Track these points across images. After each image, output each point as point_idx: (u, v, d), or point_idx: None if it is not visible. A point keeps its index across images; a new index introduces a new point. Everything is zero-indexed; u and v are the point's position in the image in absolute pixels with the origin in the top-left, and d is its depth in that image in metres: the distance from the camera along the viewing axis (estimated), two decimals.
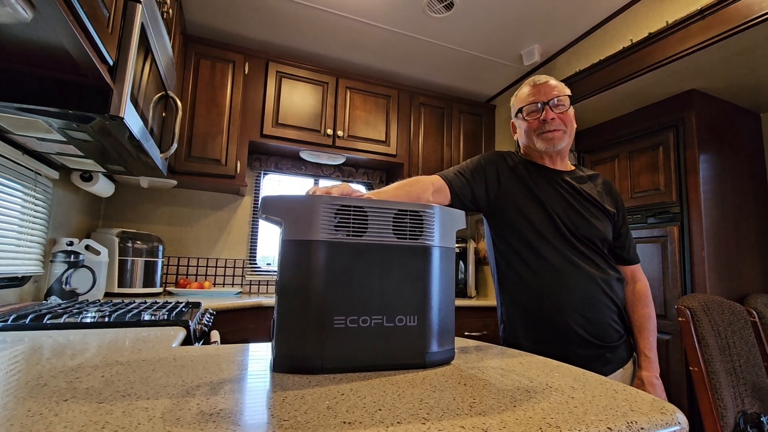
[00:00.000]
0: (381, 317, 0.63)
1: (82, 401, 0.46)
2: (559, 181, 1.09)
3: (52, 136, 1.18)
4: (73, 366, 0.62)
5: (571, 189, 1.08)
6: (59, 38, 0.82)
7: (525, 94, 1.11)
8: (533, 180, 1.08)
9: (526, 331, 1.04)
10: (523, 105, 1.11)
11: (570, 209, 1.05)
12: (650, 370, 1.04)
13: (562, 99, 1.07)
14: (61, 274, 1.50)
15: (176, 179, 2.14)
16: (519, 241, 1.04)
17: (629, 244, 1.15)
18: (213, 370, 0.61)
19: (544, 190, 1.07)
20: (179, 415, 0.42)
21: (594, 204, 1.08)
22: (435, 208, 0.69)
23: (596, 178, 1.16)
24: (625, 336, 1.07)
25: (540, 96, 1.08)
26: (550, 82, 1.09)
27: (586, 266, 1.02)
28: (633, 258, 1.16)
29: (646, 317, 1.11)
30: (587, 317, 0.99)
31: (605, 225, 1.07)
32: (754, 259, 2.13)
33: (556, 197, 1.06)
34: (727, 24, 1.61)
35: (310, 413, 0.44)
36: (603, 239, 1.05)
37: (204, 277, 2.47)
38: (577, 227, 1.03)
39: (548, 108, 1.06)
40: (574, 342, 0.98)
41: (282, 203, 0.64)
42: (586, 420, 0.43)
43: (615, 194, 1.15)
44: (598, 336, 1.00)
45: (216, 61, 2.27)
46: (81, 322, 1.00)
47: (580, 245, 1.03)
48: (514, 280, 1.06)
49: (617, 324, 1.04)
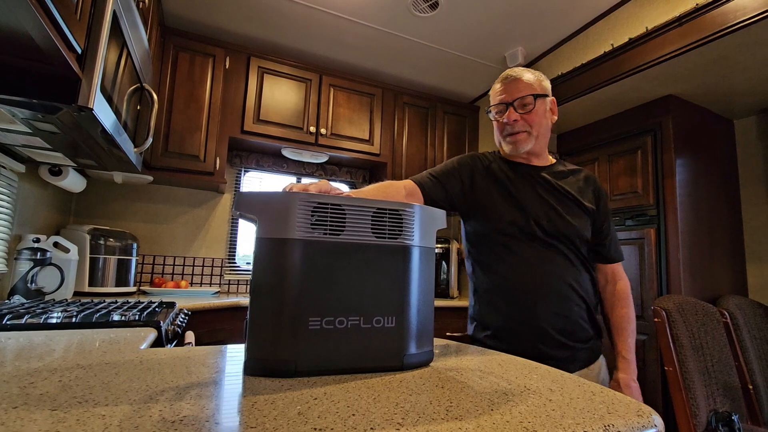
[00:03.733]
0: (358, 318, 0.61)
1: (33, 408, 0.43)
2: (535, 177, 1.08)
3: (17, 127, 1.12)
4: (30, 370, 0.58)
5: (547, 185, 1.07)
6: (22, 24, 0.78)
7: (495, 92, 1.11)
8: (508, 178, 1.08)
9: (496, 329, 1.03)
10: (491, 104, 1.11)
11: (545, 206, 1.04)
12: (627, 372, 1.03)
13: (527, 99, 1.05)
14: (26, 273, 1.43)
15: (152, 175, 2.07)
16: (492, 239, 1.04)
17: (611, 241, 1.12)
18: (181, 373, 0.58)
19: (518, 188, 1.06)
20: (138, 423, 0.40)
21: (571, 199, 1.06)
22: (415, 207, 0.68)
23: (578, 173, 1.13)
24: (594, 337, 1.05)
25: (506, 96, 1.07)
26: (521, 80, 1.06)
27: (558, 264, 1.01)
28: (614, 256, 1.13)
29: (625, 318, 1.09)
30: (558, 315, 0.98)
31: (581, 221, 1.05)
32: (726, 261, 2.20)
33: (531, 194, 1.06)
34: (703, 31, 1.65)
35: (280, 419, 0.42)
36: (579, 236, 1.03)
37: (181, 277, 2.40)
38: (552, 224, 1.02)
39: (512, 109, 1.05)
40: (544, 340, 0.98)
41: (257, 199, 0.61)
42: (563, 423, 0.43)
43: (598, 190, 1.12)
44: (568, 335, 0.99)
45: (195, 54, 2.22)
46: (44, 322, 0.95)
47: (554, 242, 1.02)
48: (487, 278, 1.06)
49: (586, 323, 1.03)
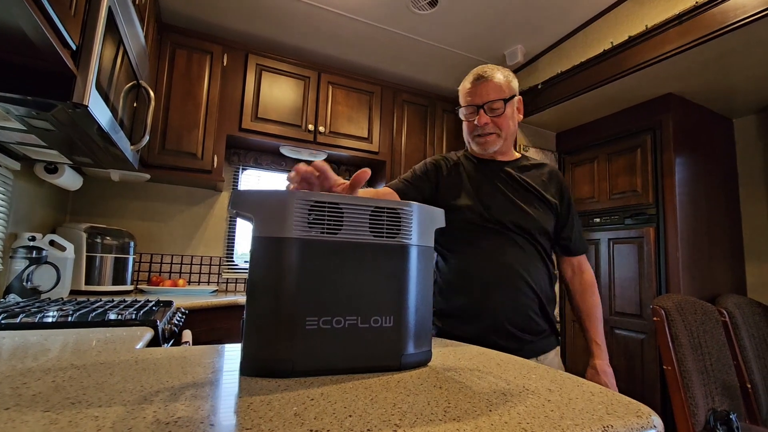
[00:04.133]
0: (355, 318, 0.61)
1: (25, 409, 0.42)
2: (498, 173, 1.12)
3: (11, 124, 1.11)
4: (23, 370, 0.58)
5: (510, 179, 1.10)
6: (15, 19, 0.77)
7: (465, 91, 1.11)
8: (473, 174, 1.12)
9: (447, 317, 1.05)
10: (462, 104, 1.12)
11: (506, 200, 1.07)
12: (602, 358, 1.08)
13: (497, 104, 1.06)
14: (21, 271, 1.42)
15: (149, 173, 2.06)
16: (454, 233, 1.06)
17: (575, 235, 1.15)
18: (176, 373, 0.57)
19: (482, 184, 1.10)
20: (132, 425, 0.39)
21: (533, 193, 1.09)
22: (413, 206, 0.67)
23: (542, 167, 1.16)
24: (548, 332, 1.08)
25: (476, 98, 1.08)
26: (491, 82, 1.06)
27: (514, 256, 1.03)
28: (580, 249, 1.17)
29: (596, 306, 1.15)
30: (509, 307, 1.01)
31: (543, 215, 1.08)
32: (725, 260, 2.20)
33: (493, 189, 1.09)
34: (703, 30, 1.64)
35: (276, 420, 0.41)
36: (539, 229, 1.06)
37: (178, 275, 2.39)
38: (512, 217, 1.05)
39: (482, 112, 1.07)
40: (495, 330, 1.00)
41: (253, 198, 0.61)
42: (562, 425, 0.42)
43: (561, 184, 1.14)
44: (518, 326, 1.02)
45: (193, 51, 2.20)
46: (39, 321, 0.94)
47: (512, 235, 1.05)
48: (446, 268, 1.09)
49: (538, 317, 1.05)
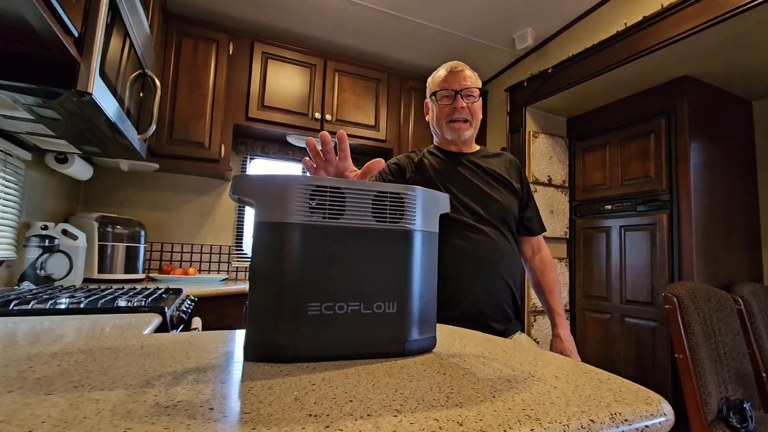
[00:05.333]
0: (358, 304, 0.60)
1: (28, 392, 0.43)
2: (464, 162, 1.17)
3: (19, 113, 1.12)
4: (30, 354, 0.58)
5: (476, 167, 1.16)
6: (17, 7, 0.76)
7: (440, 78, 1.17)
8: (439, 168, 1.16)
9: None
10: (437, 90, 1.17)
11: (474, 189, 1.12)
12: (565, 327, 1.18)
13: (473, 90, 1.15)
14: (35, 259, 1.45)
15: (158, 162, 2.07)
16: None
17: (534, 215, 1.24)
18: (180, 358, 0.57)
19: (448, 175, 1.14)
20: (131, 408, 0.39)
21: (498, 179, 1.15)
22: (417, 190, 0.66)
23: (501, 156, 1.24)
24: (513, 318, 1.12)
25: (454, 84, 1.14)
26: (465, 72, 1.16)
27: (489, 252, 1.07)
28: (538, 229, 1.25)
29: (555, 281, 1.23)
30: (487, 303, 1.05)
31: (510, 199, 1.15)
32: (741, 247, 2.15)
33: (460, 179, 1.13)
34: (722, 8, 1.58)
35: (275, 405, 0.41)
36: (508, 212, 1.13)
37: (189, 264, 2.42)
38: (483, 205, 1.10)
39: (459, 97, 1.13)
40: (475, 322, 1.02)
41: (254, 183, 0.60)
42: (567, 411, 0.41)
43: (519, 170, 1.23)
44: (496, 319, 1.06)
45: (199, 40, 2.19)
46: (50, 308, 0.96)
47: (485, 226, 1.08)
48: None
49: (509, 307, 1.11)
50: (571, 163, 2.73)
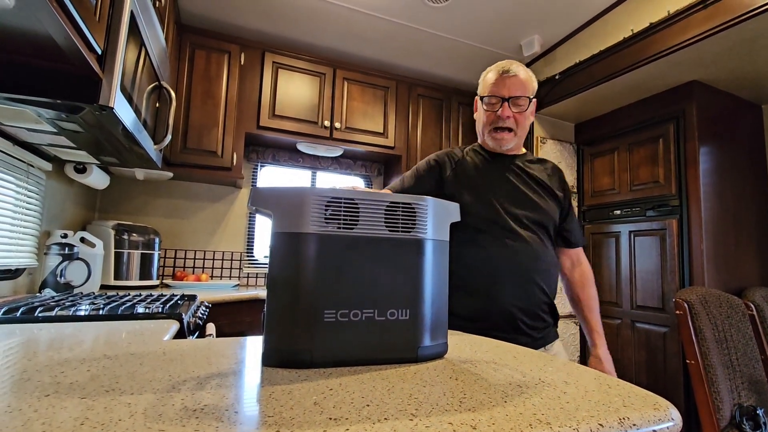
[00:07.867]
0: (372, 311, 0.62)
1: (64, 396, 0.45)
2: (509, 166, 1.13)
3: (43, 127, 1.16)
4: (60, 360, 0.61)
5: (521, 171, 1.12)
6: (44, 26, 0.80)
7: (490, 82, 1.11)
8: (481, 168, 1.12)
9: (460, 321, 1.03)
10: (485, 94, 1.12)
11: (518, 193, 1.08)
12: (604, 347, 1.14)
13: (523, 101, 1.09)
14: (55, 267, 1.49)
15: (172, 171, 2.12)
16: (462, 232, 1.04)
17: (574, 227, 1.18)
18: (202, 364, 0.60)
19: (491, 180, 1.10)
20: (162, 411, 0.41)
21: (542, 185, 1.11)
22: (428, 200, 0.68)
23: (545, 162, 1.20)
24: (551, 324, 1.10)
25: (503, 90, 1.08)
26: (518, 77, 1.09)
27: (525, 257, 1.03)
28: (578, 241, 1.20)
29: (594, 297, 1.18)
30: (523, 309, 1.02)
31: (552, 206, 1.10)
32: (752, 252, 2.13)
33: (503, 182, 1.10)
34: (729, 13, 1.58)
35: (296, 409, 0.43)
36: (549, 219, 1.09)
37: (201, 270, 2.46)
38: (525, 210, 1.06)
39: (507, 105, 1.07)
40: (511, 330, 1.01)
41: (272, 195, 0.62)
42: (577, 416, 0.43)
43: (562, 178, 1.19)
44: (532, 326, 1.03)
45: (211, 51, 2.24)
46: (73, 315, 0.99)
47: (524, 231, 1.05)
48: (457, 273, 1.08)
49: (546, 314, 1.07)
50: (579, 169, 2.73)
